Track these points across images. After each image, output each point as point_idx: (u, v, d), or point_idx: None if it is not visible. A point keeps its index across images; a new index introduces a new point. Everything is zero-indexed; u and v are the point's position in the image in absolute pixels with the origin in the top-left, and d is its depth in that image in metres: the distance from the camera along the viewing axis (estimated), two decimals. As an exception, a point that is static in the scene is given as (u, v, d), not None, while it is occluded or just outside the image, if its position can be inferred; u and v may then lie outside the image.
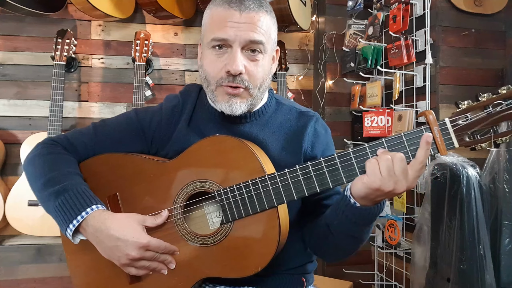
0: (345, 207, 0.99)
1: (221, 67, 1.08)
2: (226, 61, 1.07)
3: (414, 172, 0.92)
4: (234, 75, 1.06)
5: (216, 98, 1.11)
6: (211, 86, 1.11)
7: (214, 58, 1.09)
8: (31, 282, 2.62)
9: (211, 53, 1.10)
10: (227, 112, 1.11)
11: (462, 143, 0.91)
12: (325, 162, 0.97)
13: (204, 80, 1.14)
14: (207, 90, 1.15)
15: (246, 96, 1.11)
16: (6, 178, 2.54)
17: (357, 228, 1.02)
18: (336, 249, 1.11)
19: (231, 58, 1.06)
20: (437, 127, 0.91)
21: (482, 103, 0.89)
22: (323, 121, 1.25)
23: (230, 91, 1.08)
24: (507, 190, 1.95)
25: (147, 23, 2.79)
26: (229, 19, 1.06)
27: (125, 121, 1.23)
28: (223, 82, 1.08)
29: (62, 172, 1.10)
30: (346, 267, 2.72)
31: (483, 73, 2.27)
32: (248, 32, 1.06)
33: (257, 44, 1.07)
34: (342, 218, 1.00)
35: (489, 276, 1.81)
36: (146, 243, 1.03)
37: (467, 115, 0.90)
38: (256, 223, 1.02)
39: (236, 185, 1.03)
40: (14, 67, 2.59)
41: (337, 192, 1.18)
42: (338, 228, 1.03)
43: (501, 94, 0.88)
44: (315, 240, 1.16)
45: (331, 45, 2.88)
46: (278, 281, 1.17)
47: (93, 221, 1.03)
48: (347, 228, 1.02)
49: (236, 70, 1.05)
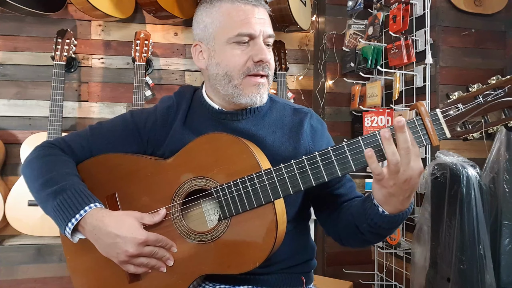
0: (374, 215, 0.99)
1: (246, 59, 1.11)
2: (252, 53, 1.11)
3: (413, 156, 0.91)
4: (265, 62, 1.12)
5: (242, 91, 1.13)
6: (235, 80, 1.13)
7: (238, 52, 1.12)
8: (31, 282, 2.62)
9: (233, 48, 1.12)
10: (256, 103, 1.14)
11: (454, 133, 0.92)
12: (320, 156, 0.98)
13: (223, 77, 1.14)
14: (227, 86, 1.14)
15: (267, 85, 1.17)
16: (6, 178, 2.54)
17: (386, 230, 1.04)
18: (363, 242, 1.13)
19: (259, 49, 1.11)
20: (429, 118, 0.91)
21: (472, 94, 0.90)
22: (318, 116, 1.27)
23: (259, 80, 1.13)
24: (507, 190, 1.94)
25: (147, 23, 2.79)
26: (251, 14, 1.11)
27: (121, 122, 1.25)
28: (251, 72, 1.12)
29: (59, 172, 1.11)
30: (346, 267, 2.72)
31: (483, 73, 2.27)
32: (267, 26, 1.14)
33: (271, 38, 1.16)
34: (371, 223, 1.01)
35: (489, 276, 1.81)
36: (144, 239, 1.03)
37: (458, 106, 0.91)
38: (253, 218, 1.02)
39: (233, 181, 1.03)
40: (14, 67, 2.59)
41: (349, 180, 1.21)
42: (368, 229, 1.04)
43: (491, 84, 0.89)
44: (343, 234, 1.16)
45: (331, 45, 2.88)
46: (277, 280, 1.17)
47: (91, 219, 1.04)
48: (376, 230, 1.03)
49: (267, 58, 1.11)
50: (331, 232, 1.22)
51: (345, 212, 1.12)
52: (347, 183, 1.19)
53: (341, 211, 1.14)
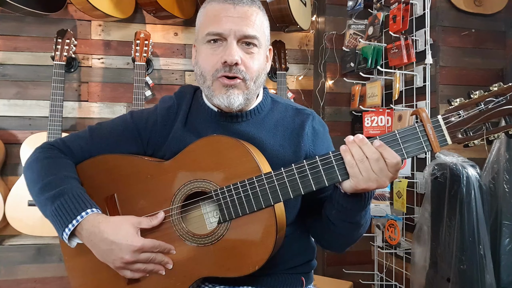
0: (338, 196, 1.03)
1: (216, 60, 1.08)
2: (222, 54, 1.08)
3: (390, 168, 0.94)
4: (230, 65, 1.07)
5: (213, 92, 1.11)
6: (207, 81, 1.11)
7: (210, 52, 1.10)
8: (31, 282, 2.62)
9: (206, 48, 1.10)
10: (225, 105, 1.10)
11: (455, 139, 0.92)
12: (321, 160, 0.98)
13: (200, 77, 1.14)
14: (203, 86, 1.14)
15: (243, 88, 1.10)
16: (6, 178, 2.54)
17: (354, 214, 1.05)
18: (339, 237, 1.14)
19: (227, 49, 1.07)
20: (430, 124, 0.92)
21: (474, 100, 0.91)
22: (320, 118, 1.26)
23: (226, 82, 1.08)
24: (507, 190, 1.94)
25: (147, 23, 2.79)
26: (223, 13, 1.08)
27: (121, 123, 1.24)
28: (219, 73, 1.08)
29: (58, 176, 1.11)
30: (346, 267, 2.72)
31: (483, 73, 2.27)
32: (242, 26, 1.07)
33: (251, 38, 1.09)
34: (338, 207, 1.04)
35: (489, 276, 1.81)
36: (140, 246, 1.03)
37: (459, 112, 0.92)
38: (253, 222, 1.02)
39: (233, 185, 1.03)
40: (14, 67, 2.59)
41: None
42: (337, 217, 1.06)
43: (493, 91, 0.89)
44: (320, 232, 1.18)
45: (331, 45, 2.88)
46: (277, 281, 1.17)
47: (87, 225, 1.04)
48: (345, 215, 1.05)
49: (232, 60, 1.06)
50: (315, 235, 1.23)
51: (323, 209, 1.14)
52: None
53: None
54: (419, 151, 0.93)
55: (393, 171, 0.94)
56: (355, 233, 1.12)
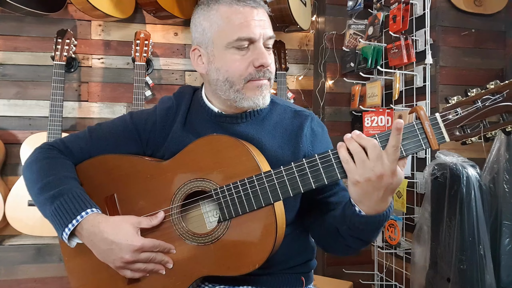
0: (352, 214, 1.00)
1: (247, 64, 1.09)
2: (252, 57, 1.09)
3: (389, 156, 0.92)
4: (266, 67, 1.09)
5: (245, 95, 1.11)
6: (236, 85, 1.10)
7: (238, 57, 1.09)
8: (31, 282, 2.62)
9: (232, 53, 1.09)
10: (259, 106, 1.12)
11: (453, 137, 0.93)
12: (320, 159, 0.98)
13: (224, 83, 1.11)
14: (229, 91, 1.11)
15: (269, 87, 1.14)
16: (6, 178, 2.54)
17: (365, 234, 1.03)
18: (345, 248, 1.13)
19: (259, 53, 1.08)
20: (428, 122, 0.92)
21: (471, 98, 0.91)
22: (318, 119, 1.25)
23: (261, 82, 1.11)
24: (507, 190, 1.94)
25: (147, 23, 2.79)
26: (250, 17, 1.08)
27: (120, 124, 1.24)
28: (253, 77, 1.09)
29: (58, 176, 1.12)
30: (346, 267, 2.72)
31: (483, 73, 2.27)
32: (266, 28, 1.10)
33: (271, 39, 1.13)
34: (350, 224, 1.01)
35: (489, 276, 1.81)
36: (140, 246, 1.03)
37: (457, 110, 0.92)
38: (253, 220, 1.02)
39: (233, 183, 1.03)
40: (14, 67, 2.59)
41: (342, 189, 1.18)
42: (347, 232, 1.04)
43: (489, 89, 0.90)
44: (325, 238, 1.17)
45: (331, 45, 2.88)
46: (277, 280, 1.17)
47: (87, 225, 1.04)
48: (355, 233, 1.03)
49: (268, 63, 1.09)
50: (315, 237, 1.22)
51: (330, 216, 1.12)
52: (340, 192, 1.17)
53: (327, 215, 1.14)
54: (417, 148, 0.94)
55: (391, 160, 0.92)
56: (361, 247, 1.11)
